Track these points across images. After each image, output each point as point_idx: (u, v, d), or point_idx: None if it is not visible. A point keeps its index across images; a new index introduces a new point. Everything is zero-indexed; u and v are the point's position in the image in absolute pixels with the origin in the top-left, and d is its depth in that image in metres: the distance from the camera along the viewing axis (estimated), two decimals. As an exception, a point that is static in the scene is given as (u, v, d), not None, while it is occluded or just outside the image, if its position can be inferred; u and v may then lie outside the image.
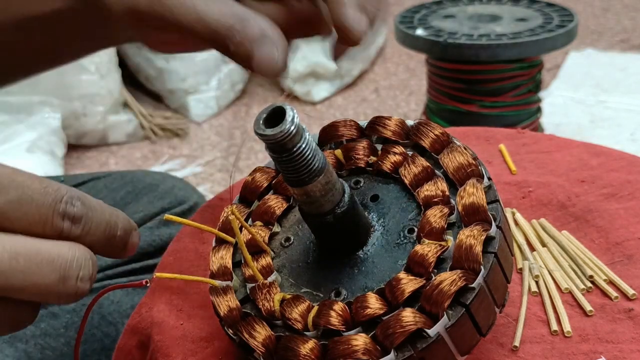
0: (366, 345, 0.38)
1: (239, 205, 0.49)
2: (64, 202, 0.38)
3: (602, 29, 2.76)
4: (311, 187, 0.40)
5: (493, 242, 0.40)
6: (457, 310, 0.39)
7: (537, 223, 0.57)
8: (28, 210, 0.37)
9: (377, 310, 0.39)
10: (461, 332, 0.39)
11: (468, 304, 0.38)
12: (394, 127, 0.47)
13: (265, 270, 0.44)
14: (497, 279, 0.41)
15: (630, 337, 0.46)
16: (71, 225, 0.38)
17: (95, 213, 0.40)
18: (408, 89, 2.40)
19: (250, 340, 0.41)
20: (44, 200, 0.37)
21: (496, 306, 0.41)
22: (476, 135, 0.71)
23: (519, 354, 0.45)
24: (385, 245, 0.43)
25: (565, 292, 0.50)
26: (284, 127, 0.37)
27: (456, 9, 1.64)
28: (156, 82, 2.33)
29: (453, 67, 1.50)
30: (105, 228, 0.40)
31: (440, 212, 0.41)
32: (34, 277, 0.37)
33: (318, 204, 0.41)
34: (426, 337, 0.38)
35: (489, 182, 0.43)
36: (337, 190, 0.41)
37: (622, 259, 0.53)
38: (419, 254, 0.40)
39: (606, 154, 0.65)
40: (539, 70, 1.55)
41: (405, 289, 0.39)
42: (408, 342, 0.38)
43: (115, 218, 0.41)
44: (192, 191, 0.88)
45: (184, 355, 0.47)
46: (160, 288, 0.54)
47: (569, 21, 1.50)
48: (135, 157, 2.10)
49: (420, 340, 0.38)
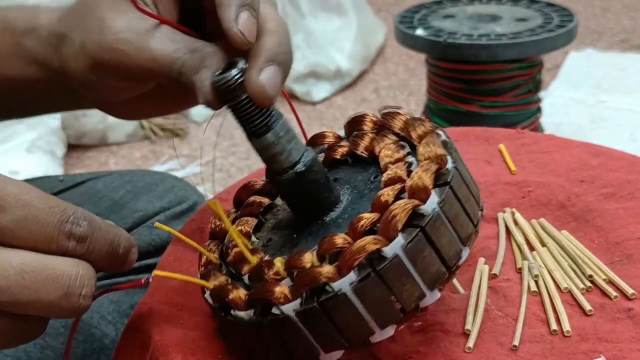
0: (329, 272, 0.39)
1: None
2: (70, 223, 0.39)
3: (602, 29, 2.76)
4: (262, 140, 0.44)
5: (446, 176, 0.42)
6: (412, 231, 0.39)
7: (536, 223, 0.57)
8: (33, 229, 0.38)
9: (340, 244, 0.40)
10: (422, 257, 0.40)
11: (423, 225, 0.39)
12: (369, 123, 0.50)
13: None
14: (455, 210, 0.42)
15: (629, 337, 0.46)
16: (76, 245, 0.39)
17: (100, 233, 0.41)
18: (408, 89, 2.40)
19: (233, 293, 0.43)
20: (50, 220, 0.38)
21: (460, 242, 0.42)
22: (476, 135, 0.71)
23: (519, 353, 0.45)
24: (354, 202, 0.45)
25: (565, 291, 0.50)
26: (230, 73, 0.43)
27: (456, 9, 1.64)
28: (156, 82, 2.33)
29: (453, 67, 1.50)
30: (108, 247, 0.41)
31: (394, 154, 0.44)
32: (39, 293, 0.38)
33: (271, 161, 0.44)
34: (385, 258, 0.39)
35: (447, 139, 0.45)
36: (291, 151, 0.44)
37: (621, 258, 0.53)
38: (380, 196, 0.41)
39: (606, 154, 0.65)
40: (538, 70, 1.55)
41: (364, 223, 0.40)
42: (368, 265, 0.39)
43: (118, 238, 0.42)
44: (192, 191, 0.88)
45: (184, 355, 0.47)
46: (160, 287, 0.54)
47: (568, 21, 1.50)
48: (135, 157, 2.10)
49: (378, 262, 0.39)
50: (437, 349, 0.46)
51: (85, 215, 0.40)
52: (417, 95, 2.33)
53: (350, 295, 0.39)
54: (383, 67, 2.58)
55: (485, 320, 0.48)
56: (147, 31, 0.47)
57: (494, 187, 0.62)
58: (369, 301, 0.39)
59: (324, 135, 0.51)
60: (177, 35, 0.47)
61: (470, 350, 0.46)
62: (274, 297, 0.40)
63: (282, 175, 0.45)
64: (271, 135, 0.44)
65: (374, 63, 2.59)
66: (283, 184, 0.45)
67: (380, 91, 2.41)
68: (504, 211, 0.59)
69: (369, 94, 2.39)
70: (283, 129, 0.44)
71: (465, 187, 0.44)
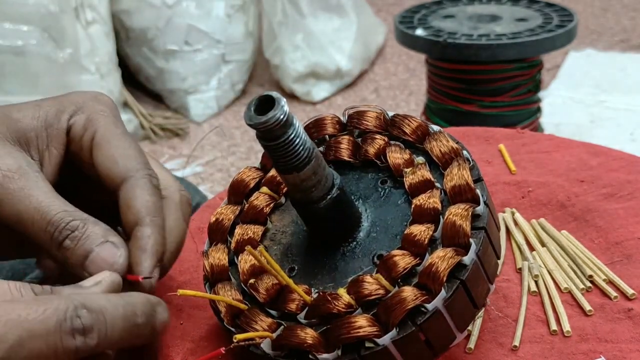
0: (368, 323, 0.39)
1: (247, 227, 0.48)
2: (69, 319, 0.35)
3: (602, 29, 2.76)
4: (301, 174, 0.41)
5: (481, 218, 0.41)
6: (453, 284, 0.40)
7: (536, 223, 0.57)
8: (34, 346, 0.34)
9: (375, 290, 0.40)
10: (458, 306, 0.40)
11: (464, 278, 0.40)
12: (374, 120, 0.48)
13: None
14: (488, 253, 0.42)
15: (629, 337, 0.46)
16: (84, 339, 0.35)
17: (107, 313, 0.37)
18: (408, 89, 2.40)
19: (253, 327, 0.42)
20: (47, 328, 0.34)
21: (489, 281, 0.43)
22: (476, 135, 0.71)
23: (519, 353, 0.45)
24: (378, 232, 0.44)
25: (565, 291, 0.50)
26: (274, 114, 0.38)
27: (456, 9, 1.64)
28: (156, 82, 2.33)
29: (453, 67, 1.50)
30: (122, 324, 0.37)
31: (429, 196, 0.43)
32: None
33: (309, 191, 0.42)
34: (425, 312, 0.39)
35: (472, 162, 0.44)
36: (327, 178, 0.43)
37: (621, 258, 0.53)
38: (412, 234, 0.41)
39: (606, 153, 0.65)
40: (538, 70, 1.55)
41: (399, 270, 0.40)
42: (408, 319, 0.39)
43: (131, 307, 0.38)
44: (194, 191, 0.88)
45: (183, 355, 0.47)
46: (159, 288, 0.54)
47: (568, 21, 1.50)
48: (135, 157, 2.10)
49: (419, 316, 0.39)
50: (437, 349, 0.46)
51: (82, 301, 0.36)
52: (417, 95, 2.33)
53: (391, 348, 0.39)
54: (383, 67, 2.58)
55: (486, 320, 0.48)
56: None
57: (494, 187, 0.62)
58: (408, 352, 0.40)
59: (324, 124, 0.49)
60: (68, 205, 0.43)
61: (470, 351, 0.46)
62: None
63: (320, 203, 0.43)
64: (313, 164, 0.41)
65: (374, 63, 2.59)
66: (322, 211, 0.43)
67: (380, 91, 2.41)
68: (504, 211, 0.59)
69: (369, 94, 2.39)
70: (319, 156, 0.42)
71: (494, 222, 0.43)
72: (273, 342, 0.41)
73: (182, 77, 2.27)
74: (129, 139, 0.46)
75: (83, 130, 0.46)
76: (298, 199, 0.43)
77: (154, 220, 0.43)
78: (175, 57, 2.25)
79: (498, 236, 0.45)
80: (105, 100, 0.48)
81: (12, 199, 0.42)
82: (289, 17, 2.32)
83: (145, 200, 0.43)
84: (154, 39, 2.24)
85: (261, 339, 0.41)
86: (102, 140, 0.45)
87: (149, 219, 0.43)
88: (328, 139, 0.49)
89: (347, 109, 0.49)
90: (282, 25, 2.33)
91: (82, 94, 0.48)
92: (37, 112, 0.46)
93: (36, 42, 1.94)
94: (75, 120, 0.46)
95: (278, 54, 2.35)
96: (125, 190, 0.44)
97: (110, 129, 0.46)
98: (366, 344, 0.39)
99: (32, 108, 0.47)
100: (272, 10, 2.33)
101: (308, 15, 2.33)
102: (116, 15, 2.23)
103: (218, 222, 0.48)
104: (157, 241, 0.43)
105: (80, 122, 0.46)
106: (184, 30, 2.24)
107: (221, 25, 2.28)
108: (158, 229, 0.43)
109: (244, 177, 0.50)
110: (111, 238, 0.42)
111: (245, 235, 0.47)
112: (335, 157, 0.47)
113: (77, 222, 0.42)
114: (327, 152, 0.48)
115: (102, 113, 0.47)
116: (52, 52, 1.96)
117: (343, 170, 0.47)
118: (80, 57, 2.00)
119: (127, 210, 0.43)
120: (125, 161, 0.44)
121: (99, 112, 0.47)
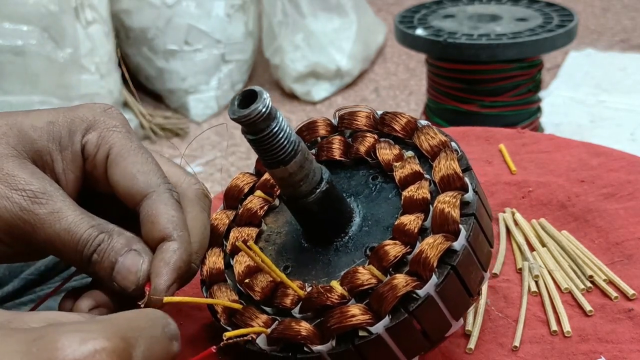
0: (361, 312, 0.39)
1: (241, 227, 0.49)
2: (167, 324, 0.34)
3: (602, 29, 2.76)
4: (288, 167, 0.42)
5: (471, 205, 0.42)
6: (444, 270, 0.40)
7: (537, 223, 0.57)
8: None
9: (367, 280, 0.40)
10: (451, 293, 0.40)
11: (454, 264, 0.40)
12: (364, 120, 0.48)
13: None
14: (479, 240, 0.42)
15: (630, 337, 0.45)
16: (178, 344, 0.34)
17: None
18: (408, 88, 2.40)
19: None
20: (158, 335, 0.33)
21: (482, 269, 0.42)
22: (476, 135, 0.71)
23: (519, 354, 0.45)
24: (370, 226, 0.44)
25: (565, 292, 0.50)
26: (256, 107, 0.39)
27: (456, 9, 1.64)
28: (156, 82, 2.33)
29: (453, 67, 1.50)
30: None
31: (418, 187, 0.43)
32: None
33: (297, 186, 0.43)
34: (417, 299, 0.39)
35: (460, 152, 0.44)
36: (314, 171, 0.43)
37: (621, 259, 0.53)
38: (402, 224, 0.41)
39: (606, 154, 0.65)
40: (538, 70, 1.55)
41: (390, 259, 0.40)
42: (400, 306, 0.39)
43: None
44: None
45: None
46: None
47: (568, 21, 1.50)
48: (135, 157, 2.10)
49: (411, 303, 0.39)
50: (437, 350, 0.46)
51: None
52: (417, 95, 2.33)
53: (385, 337, 0.39)
54: (383, 67, 2.58)
55: (486, 321, 0.48)
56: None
57: (494, 187, 0.62)
58: (402, 340, 0.40)
59: (316, 127, 0.49)
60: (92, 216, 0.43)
61: (471, 351, 0.46)
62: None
63: (309, 198, 0.43)
64: (299, 158, 0.42)
65: (374, 63, 2.59)
66: (311, 205, 0.43)
67: (380, 91, 2.41)
68: (504, 211, 0.59)
69: (369, 94, 2.39)
70: (305, 149, 0.42)
71: (484, 210, 0.44)
72: (268, 337, 0.41)
73: (182, 77, 2.27)
74: (144, 153, 0.46)
75: (96, 148, 0.46)
76: (288, 195, 0.44)
77: (181, 235, 0.43)
78: (175, 57, 2.25)
79: (490, 225, 0.45)
80: (115, 114, 0.48)
81: (43, 224, 0.42)
82: (289, 17, 2.32)
83: (170, 215, 0.43)
84: (154, 38, 2.24)
85: (255, 334, 0.41)
86: (118, 157, 0.45)
87: (176, 234, 0.43)
88: (320, 140, 0.49)
89: (337, 110, 0.49)
90: (282, 25, 2.33)
91: (91, 109, 0.48)
92: (51, 133, 0.46)
93: (36, 42, 1.94)
94: (88, 139, 0.46)
95: (278, 54, 2.35)
96: (147, 206, 0.44)
97: (125, 145, 0.46)
98: (360, 333, 0.39)
99: (46, 126, 0.46)
100: (272, 10, 2.33)
101: (308, 15, 2.33)
102: (116, 15, 2.23)
103: (213, 227, 0.49)
104: (182, 258, 0.43)
105: (93, 141, 0.46)
106: (184, 30, 2.24)
107: (221, 25, 2.28)
108: (185, 245, 0.43)
109: (238, 183, 0.50)
110: (135, 245, 0.43)
111: (240, 237, 0.47)
112: (327, 157, 0.47)
113: (102, 235, 0.42)
114: (320, 153, 0.48)
115: (115, 129, 0.47)
116: (52, 52, 1.96)
117: (335, 170, 0.47)
118: (80, 57, 2.00)
119: (152, 226, 0.43)
120: (145, 177, 0.44)
121: (112, 129, 0.47)
